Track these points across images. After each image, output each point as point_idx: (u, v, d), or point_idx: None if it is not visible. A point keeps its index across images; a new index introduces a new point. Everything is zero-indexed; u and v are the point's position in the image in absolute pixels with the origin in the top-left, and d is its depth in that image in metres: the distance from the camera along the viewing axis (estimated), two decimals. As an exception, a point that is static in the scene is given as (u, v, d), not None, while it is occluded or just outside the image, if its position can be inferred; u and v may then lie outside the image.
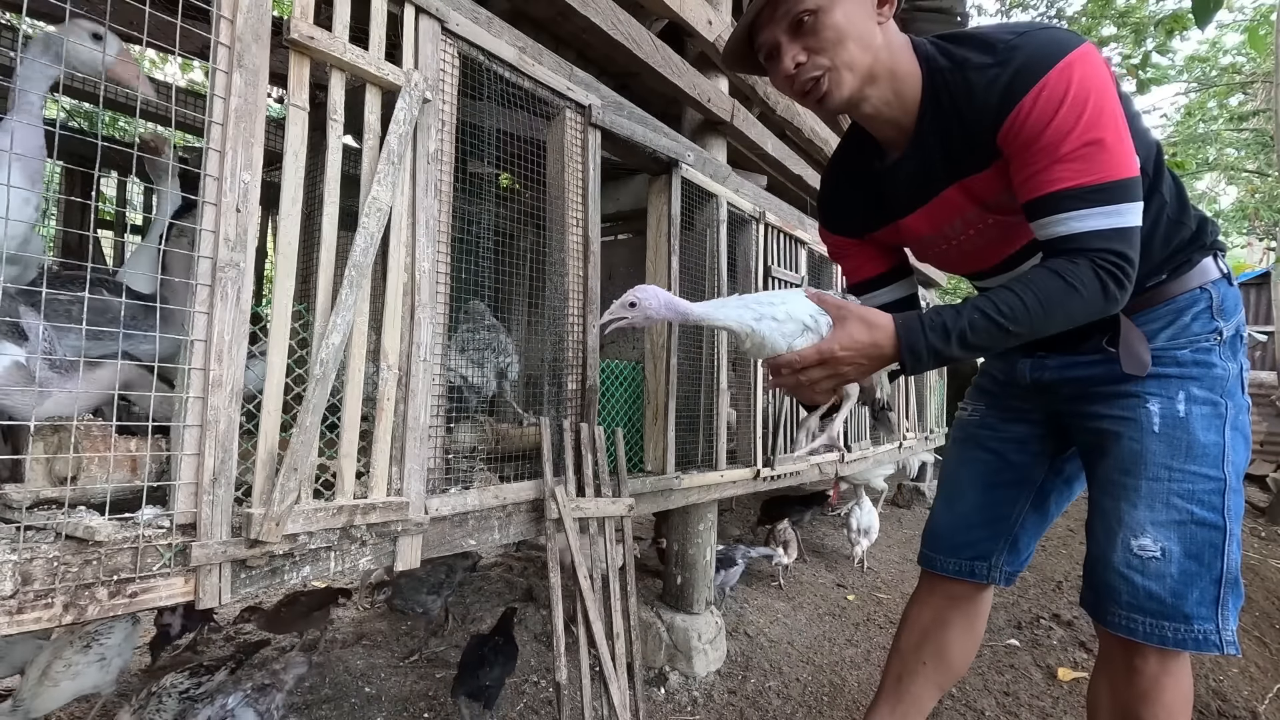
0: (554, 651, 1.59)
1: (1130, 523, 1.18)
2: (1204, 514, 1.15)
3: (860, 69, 1.11)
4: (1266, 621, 3.24)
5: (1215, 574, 1.14)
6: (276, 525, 1.10)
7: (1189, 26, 9.07)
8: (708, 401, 2.40)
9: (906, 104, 1.15)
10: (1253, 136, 12.10)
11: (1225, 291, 1.23)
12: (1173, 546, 1.15)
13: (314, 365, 1.17)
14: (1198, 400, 1.18)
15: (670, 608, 2.55)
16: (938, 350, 1.06)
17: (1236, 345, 1.22)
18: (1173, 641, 1.15)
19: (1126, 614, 1.18)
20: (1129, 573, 1.18)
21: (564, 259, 1.79)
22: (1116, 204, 1.00)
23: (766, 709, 2.08)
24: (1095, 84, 1.00)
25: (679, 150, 2.18)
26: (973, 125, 1.09)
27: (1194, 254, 1.22)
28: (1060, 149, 1.00)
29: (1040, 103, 1.00)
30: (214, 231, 1.05)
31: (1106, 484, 1.25)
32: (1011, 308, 1.03)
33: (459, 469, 1.61)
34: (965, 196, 1.19)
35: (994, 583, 1.47)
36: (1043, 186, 1.03)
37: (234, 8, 1.07)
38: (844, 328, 1.11)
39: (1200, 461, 1.16)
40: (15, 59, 1.26)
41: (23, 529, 0.94)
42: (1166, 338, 1.21)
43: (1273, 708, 2.32)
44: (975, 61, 1.07)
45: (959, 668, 1.51)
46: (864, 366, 1.11)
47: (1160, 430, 1.18)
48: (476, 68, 1.54)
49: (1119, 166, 1.00)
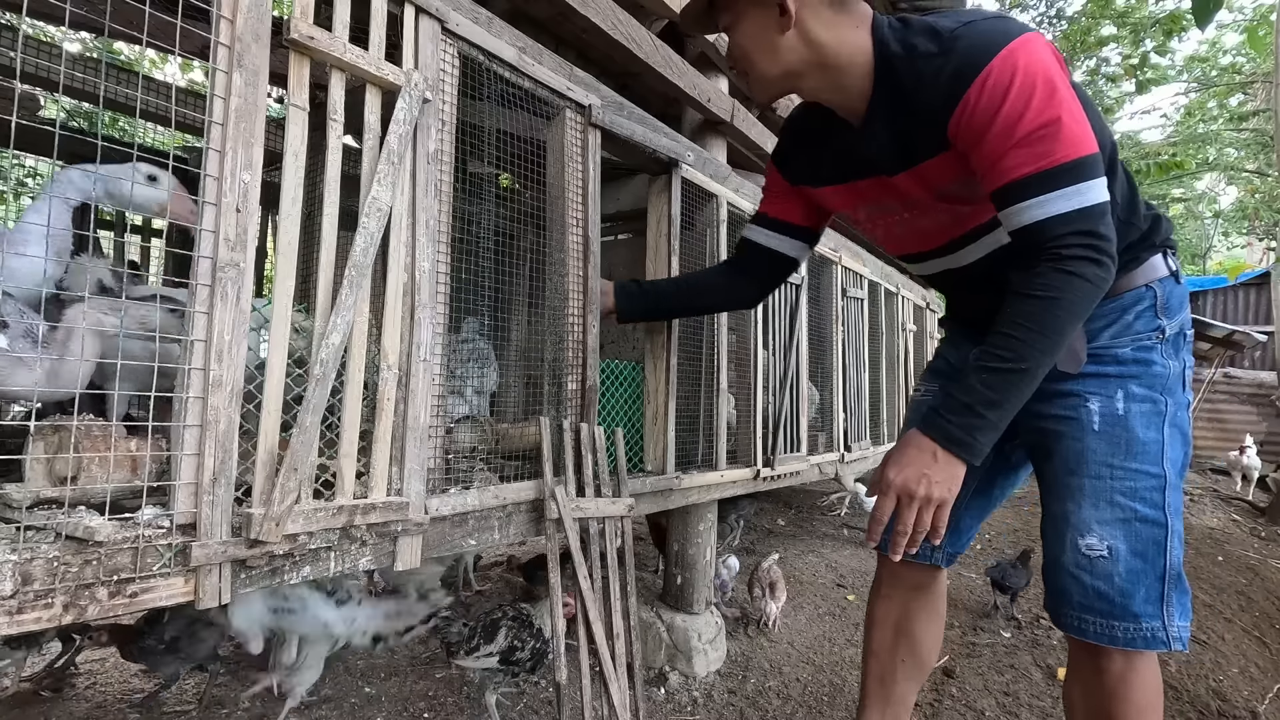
0: (554, 651, 1.59)
1: (1077, 522, 1.18)
2: (1146, 511, 1.15)
3: (770, 75, 1.19)
4: (1266, 621, 3.24)
5: (1159, 571, 1.15)
6: (276, 525, 1.10)
7: (1188, 27, 9.08)
8: (708, 401, 2.40)
9: (851, 90, 1.17)
10: (1253, 136, 12.10)
11: (1171, 290, 1.22)
12: (1119, 545, 1.15)
13: (314, 365, 1.16)
14: (1136, 398, 1.18)
15: (670, 608, 2.55)
16: (974, 426, 1.05)
17: (1179, 343, 1.22)
18: (1123, 641, 1.15)
19: (1078, 615, 1.19)
20: (1078, 573, 1.18)
21: (564, 259, 1.79)
22: (1077, 183, 0.99)
23: (766, 709, 2.08)
24: (1040, 68, 0.99)
25: (679, 150, 2.18)
26: (923, 113, 1.09)
27: (1142, 252, 1.21)
28: (1013, 135, 1.00)
29: (986, 92, 1.00)
30: (214, 231, 1.05)
31: (1053, 484, 1.25)
32: (1011, 349, 1.03)
33: (459, 469, 1.61)
34: (915, 181, 1.20)
35: (936, 564, 1.49)
36: (1002, 176, 1.03)
37: (234, 8, 1.07)
38: (891, 459, 1.11)
39: (1140, 459, 1.16)
40: (14, 59, 1.28)
41: (23, 529, 0.94)
42: (1109, 335, 1.21)
43: (1273, 708, 2.32)
44: (923, 49, 1.07)
45: (931, 658, 1.54)
46: (933, 476, 1.07)
47: (1100, 429, 1.18)
48: (476, 68, 1.54)
49: (1077, 145, 0.99)
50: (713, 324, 2.40)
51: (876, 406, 4.28)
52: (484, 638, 1.86)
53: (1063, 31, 10.28)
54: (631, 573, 1.83)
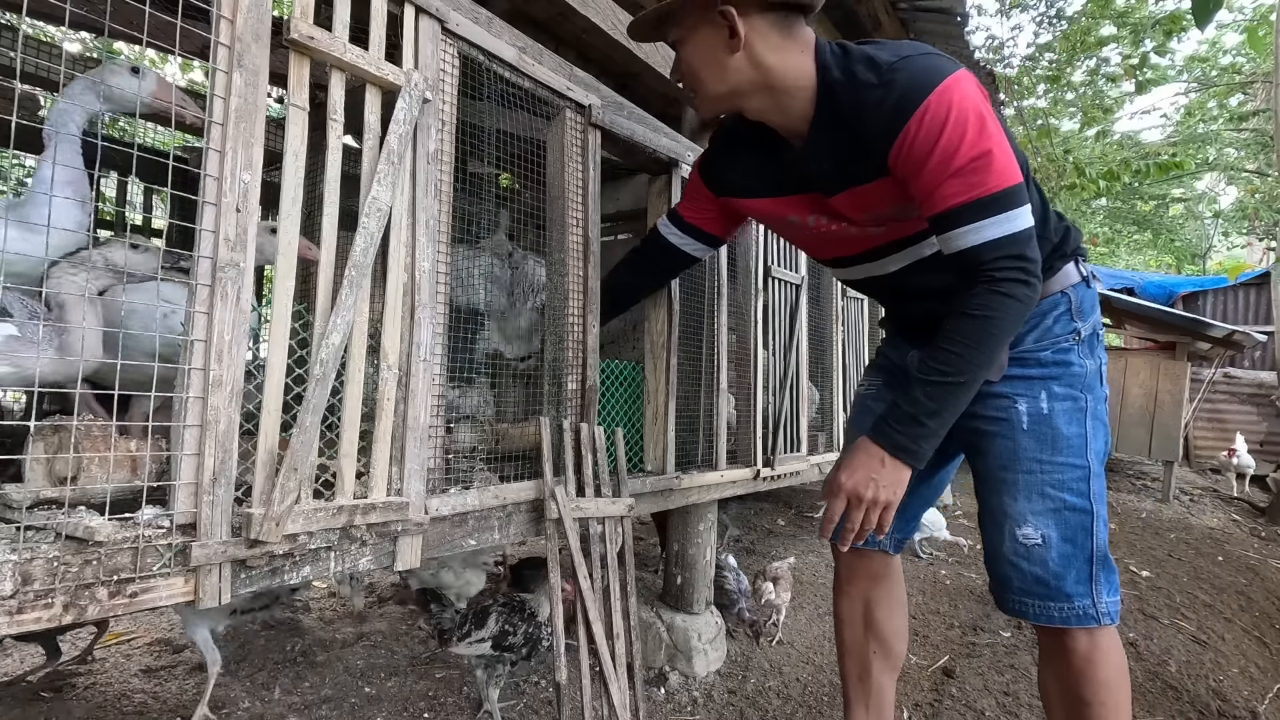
0: (554, 651, 1.59)
1: (1013, 514, 1.29)
2: (1074, 500, 1.26)
3: (713, 94, 1.25)
4: (1266, 621, 3.24)
5: (1087, 554, 1.26)
6: (276, 525, 1.10)
7: (1187, 28, 9.08)
8: (708, 402, 2.40)
9: (794, 112, 1.24)
10: (1253, 136, 12.10)
11: (1083, 294, 1.33)
12: (1051, 533, 1.26)
13: (314, 365, 1.16)
14: (1059, 397, 1.28)
15: (670, 608, 2.55)
16: (917, 435, 1.16)
17: (1094, 343, 1.33)
18: (1059, 619, 1.26)
19: (1019, 598, 1.30)
20: (1017, 560, 1.29)
21: (564, 259, 1.79)
22: (1007, 211, 1.09)
23: (766, 709, 2.08)
24: (972, 105, 1.08)
25: (679, 150, 2.18)
26: (863, 141, 1.17)
27: (1056, 261, 1.31)
28: (950, 166, 1.09)
29: (924, 126, 1.08)
30: (214, 231, 1.05)
31: (989, 480, 1.35)
32: (949, 364, 1.13)
33: (459, 469, 1.61)
34: (851, 202, 1.28)
35: (884, 550, 1.56)
36: (939, 203, 1.12)
37: (234, 8, 1.07)
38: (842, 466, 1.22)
39: (1066, 453, 1.27)
40: (14, 59, 1.29)
41: (23, 529, 0.94)
42: (1032, 340, 1.31)
43: (1273, 708, 2.32)
44: (862, 78, 1.15)
45: (900, 646, 1.59)
46: (879, 481, 1.17)
47: (1029, 427, 1.29)
48: (476, 68, 1.54)
49: (1005, 176, 1.09)
50: (713, 324, 2.40)
51: (876, 406, 4.27)
52: (475, 624, 1.88)
53: (1063, 31, 10.27)
54: (631, 573, 1.83)
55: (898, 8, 2.93)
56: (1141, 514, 5.20)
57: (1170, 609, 3.16)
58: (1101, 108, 11.07)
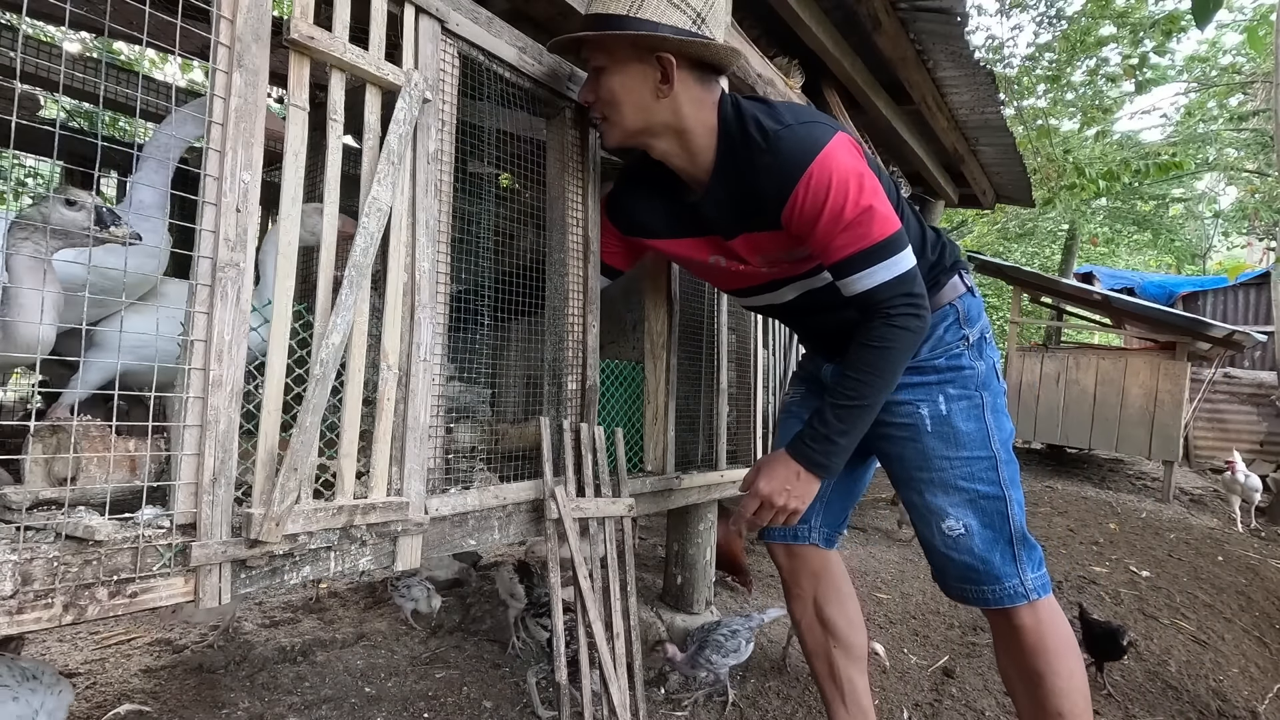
0: (554, 651, 1.59)
1: (936, 509, 1.41)
2: (985, 489, 1.38)
3: (628, 127, 1.34)
4: (1266, 621, 3.24)
5: (1006, 536, 1.37)
6: (277, 525, 1.10)
7: (1187, 28, 9.08)
8: (708, 401, 2.40)
9: (698, 159, 1.35)
10: (1253, 136, 12.09)
11: (969, 303, 1.46)
12: (971, 521, 1.37)
13: (314, 365, 1.16)
14: (955, 398, 1.41)
15: (670, 608, 2.55)
16: (830, 451, 1.30)
17: (983, 346, 1.45)
18: (993, 601, 1.37)
19: (958, 585, 1.42)
20: (947, 552, 1.40)
21: (564, 259, 1.79)
22: (892, 256, 1.24)
23: (766, 709, 2.08)
24: (850, 167, 1.22)
25: (679, 150, 2.18)
26: (756, 195, 1.29)
27: (940, 276, 1.44)
28: (839, 223, 1.22)
29: (810, 191, 1.21)
30: (214, 231, 1.05)
31: (909, 481, 1.46)
32: (855, 389, 1.27)
33: (459, 469, 1.60)
34: (747, 245, 1.40)
35: (815, 544, 1.66)
36: (833, 254, 1.27)
37: (234, 8, 1.07)
38: (765, 471, 1.36)
39: (970, 447, 1.39)
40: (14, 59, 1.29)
41: (22, 529, 0.94)
42: (927, 350, 1.43)
43: (1273, 708, 2.32)
44: (754, 141, 1.26)
45: (857, 637, 1.66)
46: (793, 491, 1.33)
47: (932, 429, 1.41)
48: (476, 68, 1.54)
49: (887, 225, 1.23)
50: (713, 324, 2.40)
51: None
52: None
53: (1062, 31, 10.26)
54: (631, 573, 1.83)
55: (898, 8, 2.93)
56: (1141, 514, 5.20)
57: (1170, 609, 3.16)
58: (1101, 108, 11.06)
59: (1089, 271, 11.94)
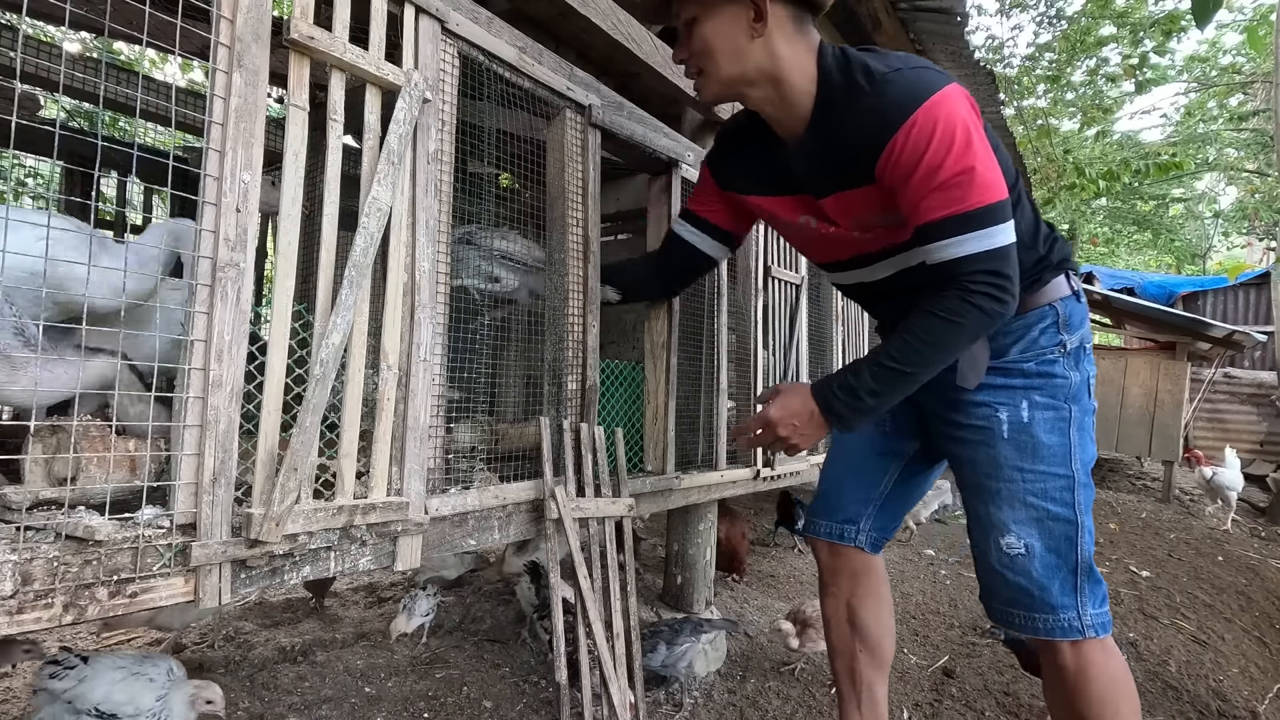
0: (554, 651, 1.59)
1: (997, 523, 1.29)
2: (1058, 510, 1.26)
3: (725, 77, 1.24)
4: (1266, 621, 3.24)
5: (1071, 564, 1.25)
6: (276, 525, 1.10)
7: (1187, 28, 9.08)
8: (708, 402, 2.39)
9: (794, 109, 1.25)
10: (1253, 136, 12.10)
11: (1072, 308, 1.34)
12: (1034, 542, 1.26)
13: (314, 365, 1.16)
14: (1040, 406, 1.29)
15: (670, 608, 2.55)
16: (851, 405, 1.21)
17: (1080, 356, 1.33)
18: (1044, 631, 1.25)
19: (1005, 609, 1.30)
20: (1002, 570, 1.29)
21: (564, 259, 1.79)
22: (988, 227, 1.11)
23: (766, 709, 2.08)
24: (960, 121, 1.10)
25: (679, 150, 2.18)
26: (852, 146, 1.19)
27: (1045, 273, 1.32)
28: (933, 181, 1.11)
29: (911, 140, 1.11)
30: (214, 231, 1.05)
31: (974, 489, 1.35)
32: (903, 353, 1.17)
33: (459, 469, 1.61)
34: (838, 206, 1.30)
35: (860, 547, 1.56)
36: (923, 215, 1.14)
37: (234, 8, 1.07)
38: (780, 398, 1.29)
39: (1047, 461, 1.27)
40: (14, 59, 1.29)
41: (22, 529, 0.94)
42: (1017, 351, 1.32)
43: (1273, 708, 2.32)
44: (858, 86, 1.16)
45: (885, 643, 1.59)
46: (799, 428, 1.27)
47: (1009, 436, 1.29)
48: (476, 68, 1.54)
49: (988, 192, 1.11)
50: (713, 324, 2.40)
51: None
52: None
53: (1062, 31, 10.26)
54: (632, 573, 1.83)
55: (898, 8, 2.93)
56: (1141, 514, 5.20)
57: (1170, 609, 3.16)
58: (1101, 108, 11.07)
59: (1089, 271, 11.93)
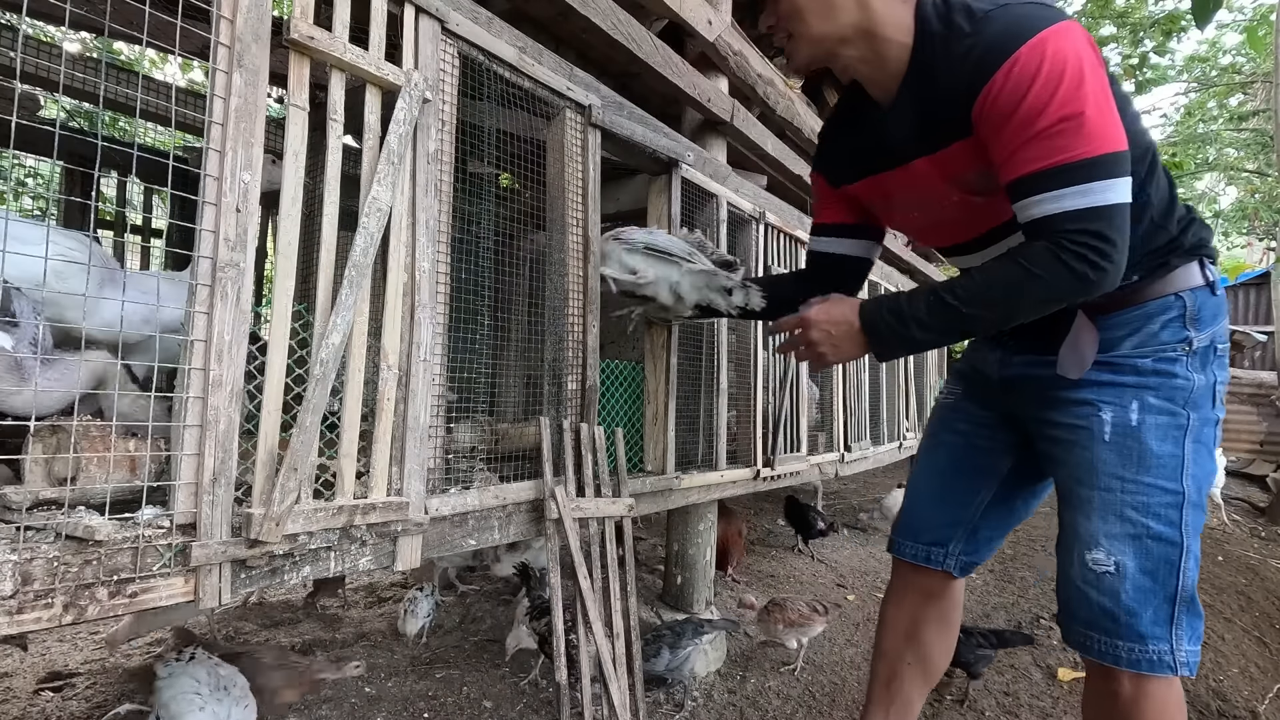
0: (554, 651, 1.59)
1: (1084, 535, 1.14)
2: (1160, 528, 1.10)
3: (815, 35, 1.15)
4: (1266, 621, 3.24)
5: (1170, 592, 1.10)
6: (276, 525, 1.10)
7: (1187, 27, 9.08)
8: (708, 402, 2.40)
9: (890, 66, 1.14)
10: (1253, 136, 12.10)
11: (1204, 301, 1.15)
12: (1127, 561, 1.11)
13: (314, 365, 1.16)
14: (1153, 409, 1.12)
15: (670, 608, 2.55)
16: (896, 331, 1.13)
17: (1209, 357, 1.15)
18: (1126, 661, 1.10)
19: (1084, 631, 1.15)
20: (1084, 588, 1.14)
21: (564, 259, 1.79)
22: (1094, 181, 0.96)
23: (766, 709, 2.08)
24: (1072, 58, 0.95)
25: (679, 150, 2.18)
26: (947, 96, 1.06)
27: (1173, 258, 1.16)
28: (1033, 127, 0.97)
29: (1012, 79, 0.97)
30: (214, 231, 1.05)
31: (1064, 495, 1.22)
32: (968, 291, 1.07)
33: (459, 469, 1.61)
34: (936, 168, 1.17)
35: (949, 571, 1.44)
36: (1018, 168, 1.00)
37: (234, 8, 1.07)
38: (824, 303, 1.23)
39: (1155, 473, 1.11)
40: (14, 59, 1.29)
41: (22, 529, 0.94)
42: (1131, 345, 1.16)
43: (1273, 708, 2.32)
44: (958, 28, 1.03)
45: (940, 664, 1.50)
46: (834, 337, 1.20)
47: (1111, 439, 1.14)
48: (476, 68, 1.54)
49: (1099, 141, 0.96)
50: (713, 324, 2.40)
51: (876, 406, 4.28)
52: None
53: (1062, 31, 10.26)
54: (631, 573, 1.83)
55: None
56: (1141, 514, 5.18)
57: (1170, 609, 3.16)
58: (1101, 108, 11.05)
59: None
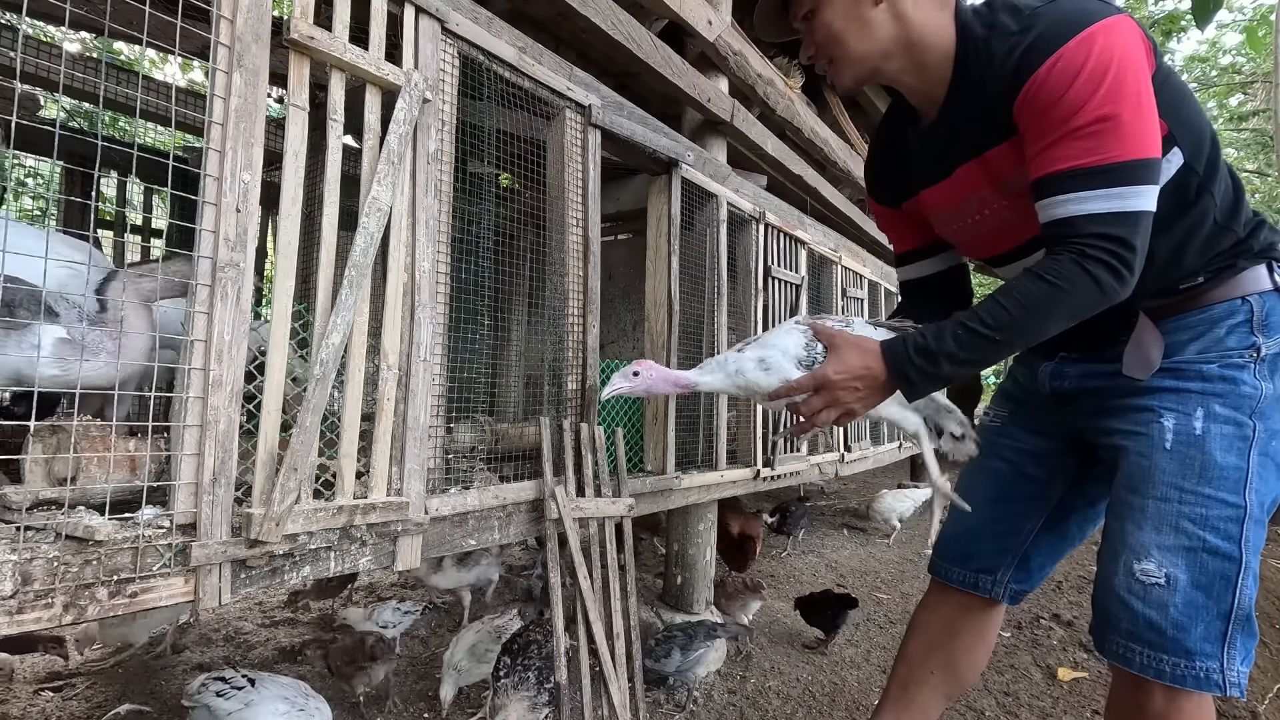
0: (554, 651, 1.59)
1: (1134, 545, 1.09)
2: (1218, 542, 1.05)
3: (856, 57, 1.13)
4: (1266, 621, 3.24)
5: (1224, 608, 1.04)
6: (276, 525, 1.10)
7: (1187, 28, 9.08)
8: (708, 402, 2.40)
9: (933, 74, 1.12)
10: (1253, 136, 12.10)
11: (1273, 305, 1.10)
12: (1179, 574, 1.05)
13: (314, 365, 1.17)
14: (1218, 418, 1.07)
15: (670, 608, 2.55)
16: (927, 371, 1.06)
17: (1278, 365, 1.10)
18: (1170, 677, 1.05)
19: (1125, 643, 1.10)
20: (1129, 598, 1.09)
21: (564, 259, 1.79)
22: (1122, 186, 0.94)
23: (766, 709, 2.08)
24: (1118, 56, 0.93)
25: (679, 150, 2.18)
26: (992, 95, 1.04)
27: (1240, 260, 1.11)
28: (1070, 124, 0.95)
29: (1055, 74, 0.95)
30: (214, 231, 1.05)
31: (1114, 503, 1.16)
32: (995, 317, 1.02)
33: (459, 469, 1.61)
34: (981, 172, 1.15)
35: (998, 599, 1.39)
36: (1047, 165, 0.98)
37: (234, 8, 1.07)
38: (837, 355, 1.12)
39: (1216, 484, 1.06)
40: (14, 59, 1.29)
41: (22, 529, 0.94)
42: (1195, 350, 1.12)
43: (1273, 708, 2.32)
44: (1003, 27, 1.02)
45: (968, 678, 1.45)
46: (860, 392, 1.10)
47: (1172, 447, 1.09)
48: (476, 68, 1.54)
49: (1133, 146, 0.94)
50: (712, 324, 2.40)
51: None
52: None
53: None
54: (632, 573, 1.83)
55: None
56: (1141, 514, 5.19)
57: (1170, 609, 3.16)
58: (1101, 108, 11.05)
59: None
